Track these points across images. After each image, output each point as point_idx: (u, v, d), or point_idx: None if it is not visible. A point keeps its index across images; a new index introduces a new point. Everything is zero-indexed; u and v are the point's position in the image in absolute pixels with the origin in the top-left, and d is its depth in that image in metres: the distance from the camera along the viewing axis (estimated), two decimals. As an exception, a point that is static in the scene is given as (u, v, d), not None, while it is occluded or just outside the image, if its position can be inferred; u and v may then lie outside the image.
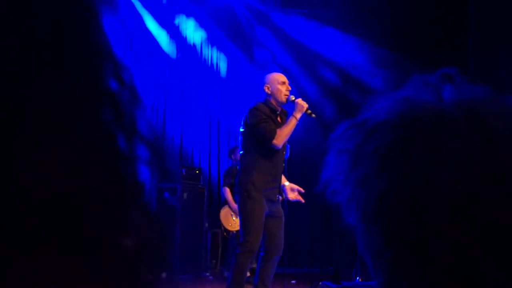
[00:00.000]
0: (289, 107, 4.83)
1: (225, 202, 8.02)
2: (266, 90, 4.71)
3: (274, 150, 4.59)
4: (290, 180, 4.99)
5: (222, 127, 10.41)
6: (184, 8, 9.90)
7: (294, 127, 4.64)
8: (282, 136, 4.56)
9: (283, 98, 4.68)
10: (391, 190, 0.61)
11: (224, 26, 10.36)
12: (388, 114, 0.64)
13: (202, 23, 10.21)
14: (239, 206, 4.63)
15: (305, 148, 8.99)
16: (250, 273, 6.74)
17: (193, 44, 10.18)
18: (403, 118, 0.63)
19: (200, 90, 10.22)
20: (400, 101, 0.65)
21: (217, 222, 8.21)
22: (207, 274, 8.01)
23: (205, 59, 10.35)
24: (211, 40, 10.40)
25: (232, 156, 8.08)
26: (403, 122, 0.63)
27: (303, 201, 4.88)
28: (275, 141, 4.52)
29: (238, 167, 4.81)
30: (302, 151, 8.91)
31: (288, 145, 5.86)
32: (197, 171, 8.78)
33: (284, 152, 4.78)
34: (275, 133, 4.53)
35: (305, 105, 4.65)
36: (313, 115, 4.79)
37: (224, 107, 10.48)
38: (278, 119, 4.72)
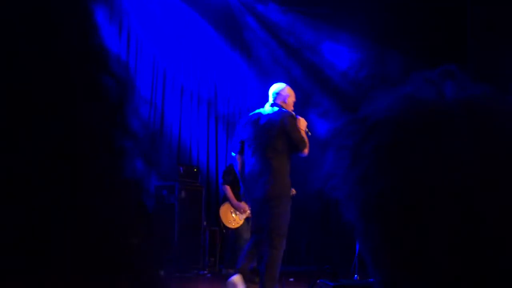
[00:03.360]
0: None
1: (224, 199, 7.96)
2: (285, 100, 4.92)
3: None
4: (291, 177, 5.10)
5: (220, 125, 10.39)
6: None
7: None
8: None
9: None
10: (390, 189, 0.61)
11: (222, 24, 10.35)
12: (389, 111, 0.64)
13: (202, 22, 10.20)
14: (276, 209, 4.65)
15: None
16: (252, 273, 6.72)
17: (192, 40, 10.17)
18: (403, 116, 0.63)
19: (199, 86, 10.21)
20: (401, 98, 0.65)
21: (215, 220, 8.19)
22: (206, 272, 8.01)
23: (203, 57, 10.34)
24: (208, 36, 10.39)
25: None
26: (404, 120, 0.63)
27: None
28: (306, 150, 4.76)
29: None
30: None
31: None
32: (195, 169, 8.78)
33: None
34: (306, 143, 4.78)
35: (305, 123, 4.97)
36: (310, 133, 5.07)
37: (224, 104, 10.47)
38: None
